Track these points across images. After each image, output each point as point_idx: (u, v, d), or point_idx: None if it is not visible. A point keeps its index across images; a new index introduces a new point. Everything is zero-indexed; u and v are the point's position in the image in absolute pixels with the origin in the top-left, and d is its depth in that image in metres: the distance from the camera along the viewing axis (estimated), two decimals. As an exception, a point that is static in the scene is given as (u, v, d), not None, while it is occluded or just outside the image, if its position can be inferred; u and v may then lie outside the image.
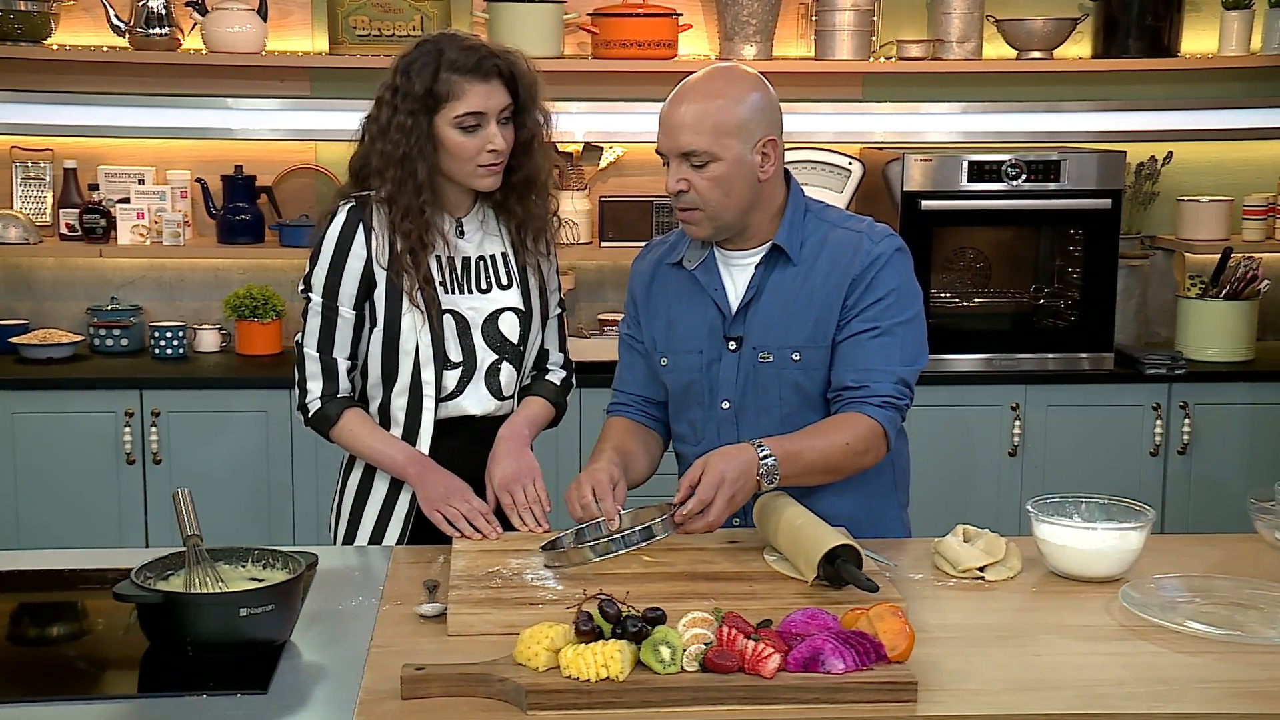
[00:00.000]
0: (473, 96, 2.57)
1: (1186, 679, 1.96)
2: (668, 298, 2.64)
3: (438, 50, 2.59)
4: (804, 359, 2.54)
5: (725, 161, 2.45)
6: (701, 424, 2.61)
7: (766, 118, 2.50)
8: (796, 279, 2.54)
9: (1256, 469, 4.45)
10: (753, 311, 2.55)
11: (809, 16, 4.64)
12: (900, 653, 1.94)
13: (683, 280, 2.62)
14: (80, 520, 4.22)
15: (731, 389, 2.57)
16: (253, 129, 4.59)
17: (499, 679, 1.89)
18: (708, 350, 2.58)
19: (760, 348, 2.55)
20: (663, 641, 1.90)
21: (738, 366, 2.56)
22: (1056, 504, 2.42)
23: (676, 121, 2.47)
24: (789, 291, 2.54)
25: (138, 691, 1.98)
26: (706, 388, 2.59)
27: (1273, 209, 4.73)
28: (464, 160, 2.60)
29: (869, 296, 2.51)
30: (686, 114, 2.46)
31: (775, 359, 2.54)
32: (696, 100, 2.46)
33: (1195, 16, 4.75)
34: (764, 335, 2.55)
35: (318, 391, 2.67)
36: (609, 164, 4.66)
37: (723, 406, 2.58)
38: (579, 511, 2.44)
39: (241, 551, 2.18)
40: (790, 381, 2.55)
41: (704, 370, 2.59)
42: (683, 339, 2.61)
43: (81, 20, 4.54)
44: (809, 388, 2.55)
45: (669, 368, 2.63)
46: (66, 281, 4.68)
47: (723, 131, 2.45)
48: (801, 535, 2.30)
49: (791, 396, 2.55)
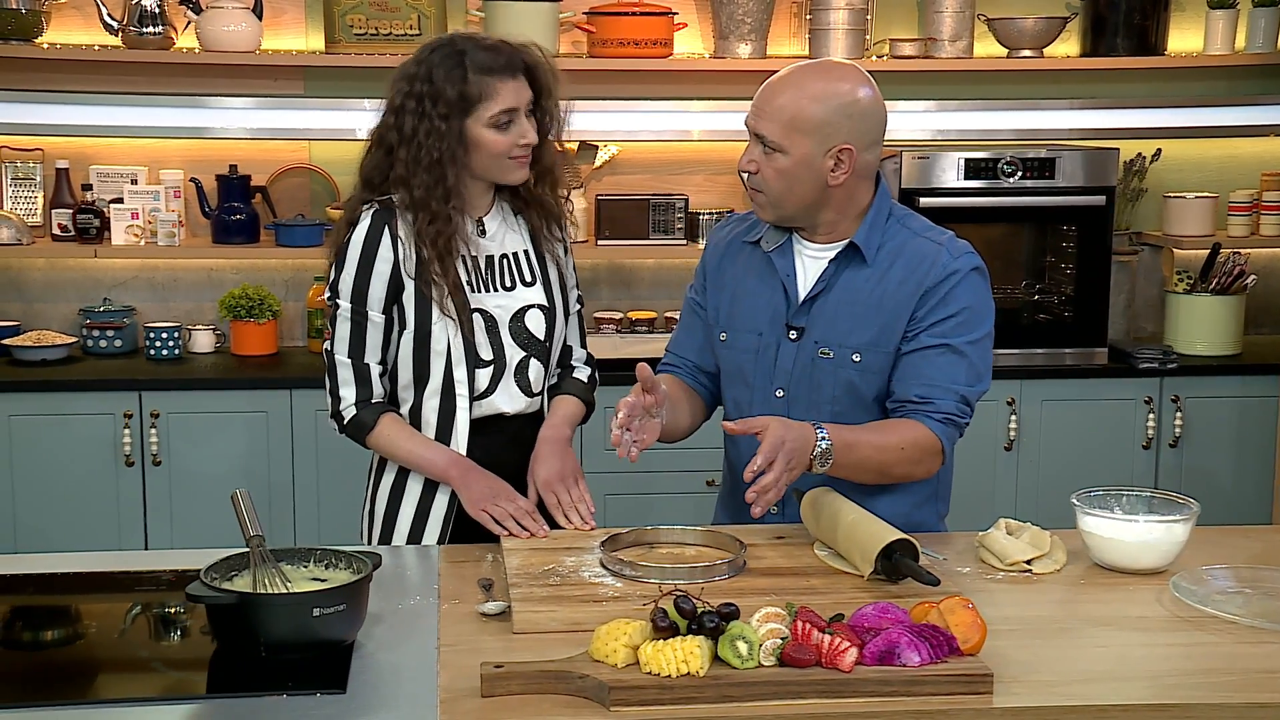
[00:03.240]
0: (505, 95, 2.59)
1: (1252, 669, 1.99)
2: (737, 274, 2.64)
3: (459, 52, 2.59)
4: (864, 360, 2.53)
5: (791, 157, 2.46)
6: (747, 406, 2.60)
7: (852, 125, 2.46)
8: (869, 281, 2.54)
9: (1245, 461, 4.53)
10: (819, 305, 2.56)
11: (803, 15, 4.67)
12: (973, 645, 1.96)
13: (756, 260, 2.62)
14: (78, 523, 4.18)
15: (786, 378, 2.57)
16: (247, 128, 4.56)
17: (579, 676, 1.90)
18: (767, 334, 2.58)
19: (822, 342, 2.55)
20: (739, 637, 1.92)
21: (795, 357, 2.57)
22: (1099, 497, 2.45)
23: (762, 101, 2.49)
24: (859, 292, 2.54)
25: (208, 693, 1.97)
26: (761, 372, 2.59)
27: (1257, 205, 4.81)
28: (497, 156, 2.61)
29: (941, 311, 2.50)
30: (772, 98, 2.47)
31: (835, 356, 2.55)
32: (787, 89, 2.47)
33: (1181, 16, 4.82)
34: (828, 330, 2.55)
35: (351, 398, 2.66)
36: (604, 162, 4.67)
37: (776, 394, 2.58)
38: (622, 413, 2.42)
39: (304, 552, 2.17)
40: (845, 381, 2.55)
41: (759, 354, 2.59)
42: (745, 318, 2.61)
43: (73, 19, 4.49)
44: (863, 390, 2.55)
45: (726, 344, 2.62)
46: (57, 283, 4.63)
47: (796, 128, 2.45)
48: (856, 530, 2.32)
49: (844, 396, 2.55)
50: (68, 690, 1.98)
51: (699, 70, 4.64)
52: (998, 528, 2.47)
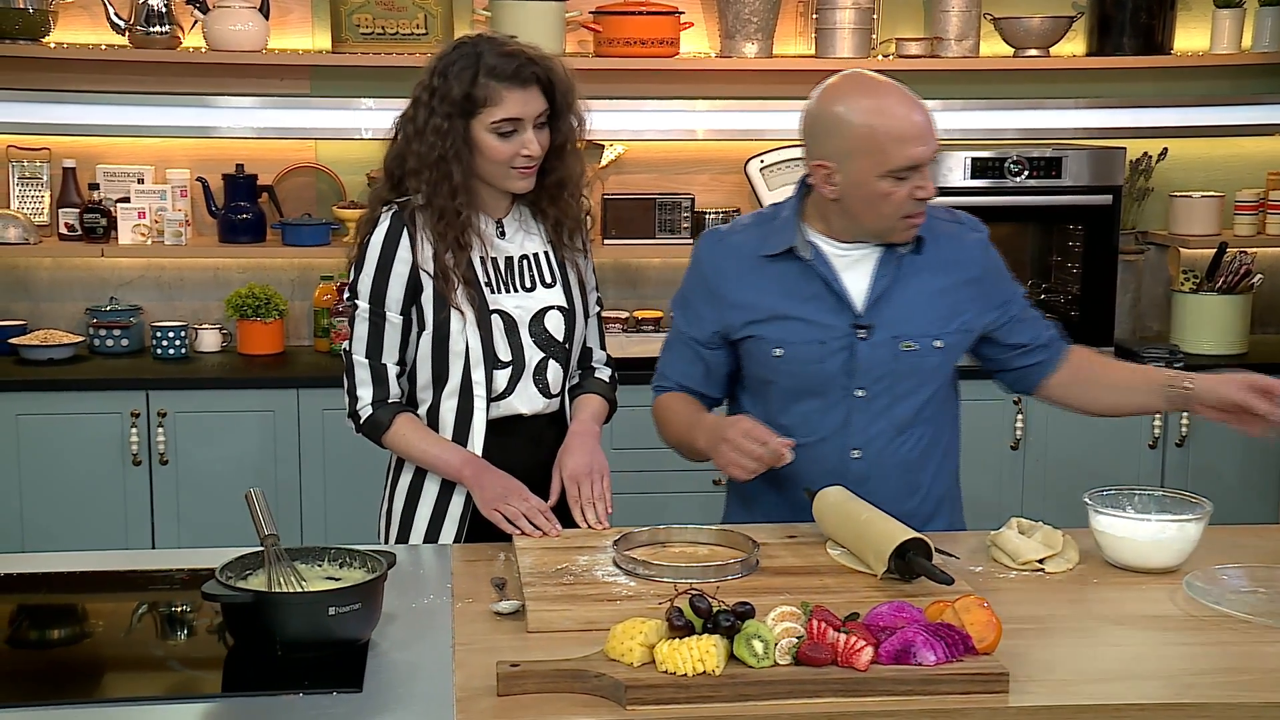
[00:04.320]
0: (511, 103, 2.58)
1: (1268, 668, 1.99)
2: (771, 290, 2.61)
3: (476, 54, 2.58)
4: (945, 346, 2.61)
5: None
6: (821, 413, 2.60)
7: None
8: (925, 268, 2.60)
9: (1251, 460, 4.53)
10: (887, 300, 2.58)
11: (809, 15, 4.67)
12: (988, 644, 1.96)
13: (790, 272, 2.60)
14: (85, 523, 4.18)
15: (867, 377, 2.58)
16: (253, 127, 4.56)
17: (595, 674, 1.90)
18: (831, 340, 2.58)
19: (902, 336, 2.58)
20: (755, 636, 1.92)
21: (873, 355, 2.58)
22: (1111, 496, 2.46)
23: (928, 129, 2.49)
24: (919, 281, 2.59)
25: (223, 691, 1.98)
26: (835, 376, 2.59)
27: (1263, 204, 4.81)
28: (498, 164, 2.61)
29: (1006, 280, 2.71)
30: (927, 120, 2.49)
31: (920, 347, 2.59)
32: (918, 105, 2.50)
33: (1187, 15, 4.82)
34: (904, 323, 2.58)
35: (368, 398, 2.67)
36: (610, 162, 4.67)
37: (857, 394, 2.59)
38: (759, 451, 2.45)
39: (318, 551, 2.18)
40: (930, 368, 2.61)
41: (826, 360, 2.58)
42: (801, 330, 2.59)
43: (79, 18, 4.50)
44: (944, 372, 2.65)
45: (785, 358, 2.60)
46: (64, 282, 4.63)
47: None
48: (869, 529, 2.32)
49: (926, 384, 2.62)
50: (80, 689, 1.99)
51: (705, 70, 4.64)
52: (1010, 527, 2.47)
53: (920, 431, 2.63)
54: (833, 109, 2.50)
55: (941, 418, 2.69)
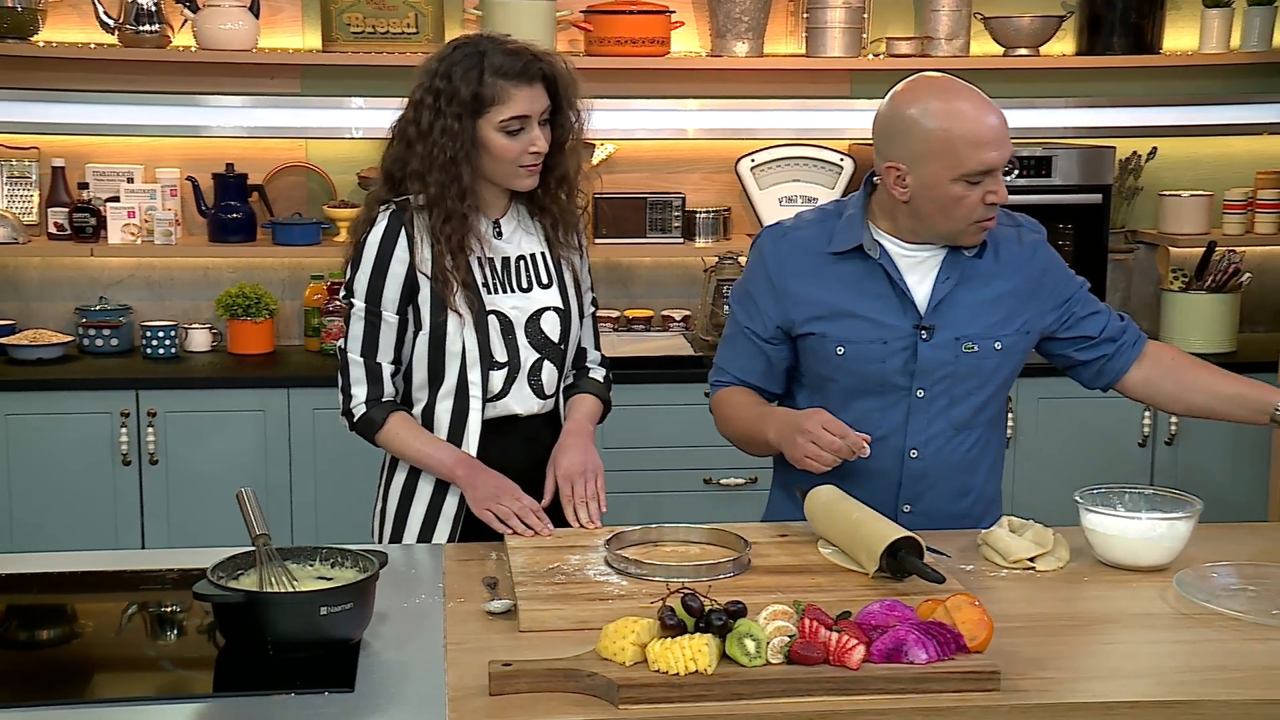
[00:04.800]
0: (518, 101, 2.58)
1: (1258, 665, 2.00)
2: (835, 288, 2.61)
3: (479, 53, 2.59)
4: (1005, 347, 2.61)
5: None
6: (880, 411, 2.60)
7: None
8: (985, 270, 2.61)
9: (1240, 458, 4.54)
10: (949, 301, 2.58)
11: (800, 14, 4.68)
12: (980, 642, 1.97)
13: (856, 270, 2.60)
14: (75, 523, 4.17)
15: (928, 377, 2.59)
16: (243, 127, 4.56)
17: (587, 674, 1.90)
18: (893, 340, 2.58)
19: (965, 337, 2.58)
20: (747, 634, 1.92)
21: (934, 355, 2.58)
22: (1101, 494, 2.46)
23: (1003, 133, 2.48)
24: (981, 282, 2.60)
25: (214, 691, 1.97)
26: (895, 377, 2.59)
27: (1252, 203, 4.82)
28: (506, 162, 2.61)
29: (1067, 276, 2.72)
30: (1002, 124, 2.48)
31: (980, 349, 2.59)
32: (995, 109, 2.49)
33: (1176, 14, 4.83)
34: (966, 324, 2.58)
35: (362, 396, 2.67)
36: (601, 160, 4.66)
37: (918, 394, 2.59)
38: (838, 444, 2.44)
39: (310, 550, 2.18)
40: (990, 369, 2.61)
41: (888, 360, 2.58)
42: (865, 328, 2.59)
43: (69, 17, 4.49)
44: (1005, 374, 2.65)
45: (847, 356, 2.59)
46: (54, 281, 4.62)
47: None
48: (860, 528, 2.33)
49: (992, 380, 2.62)
50: (70, 690, 1.98)
51: (696, 69, 4.64)
52: (1001, 525, 2.48)
53: (977, 433, 2.64)
54: (906, 111, 2.49)
55: (997, 420, 2.71)
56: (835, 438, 2.44)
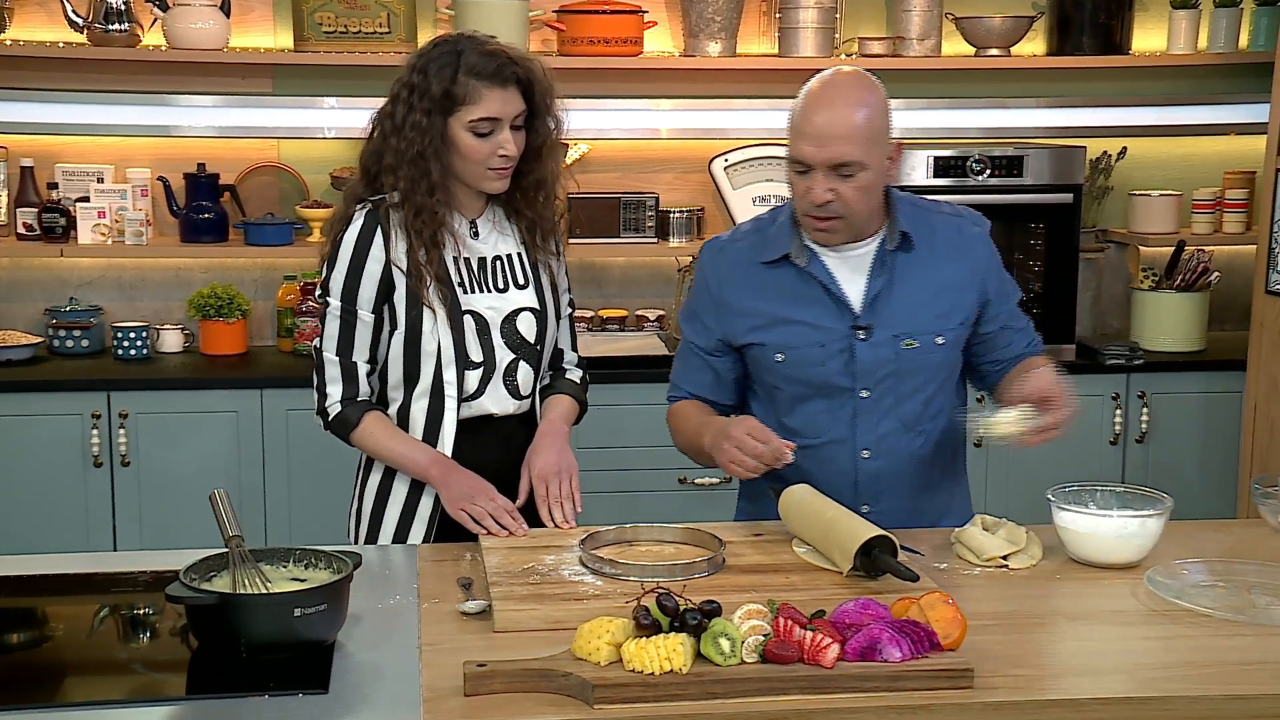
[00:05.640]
0: (489, 102, 2.58)
1: (1227, 661, 2.02)
2: (770, 296, 2.62)
3: (456, 52, 2.58)
4: (947, 341, 2.61)
5: (871, 170, 2.47)
6: (828, 414, 2.60)
7: (890, 120, 2.53)
8: (921, 264, 2.59)
9: (1210, 456, 4.57)
10: (884, 299, 2.58)
11: (772, 14, 4.68)
12: (953, 641, 1.98)
13: (788, 277, 2.61)
14: (46, 525, 4.14)
15: (870, 378, 2.58)
16: (215, 126, 4.54)
17: (562, 674, 1.90)
18: (830, 343, 2.58)
19: (903, 335, 2.58)
20: (722, 634, 1.92)
21: (874, 355, 2.58)
22: (1074, 492, 2.48)
23: (827, 131, 2.44)
24: (918, 278, 2.59)
25: (187, 694, 1.97)
26: (838, 379, 2.59)
27: (1220, 203, 4.85)
28: (474, 163, 2.60)
29: (1000, 280, 2.68)
30: (836, 123, 2.43)
31: (921, 345, 2.59)
32: (844, 108, 2.45)
33: (1145, 15, 4.86)
34: (903, 321, 2.58)
35: (337, 395, 2.66)
36: (574, 161, 4.65)
37: (861, 395, 2.59)
38: (760, 449, 2.44)
39: (283, 552, 2.17)
40: (934, 365, 2.61)
41: (828, 362, 2.59)
42: (801, 334, 2.59)
43: (36, 15, 4.46)
44: (948, 369, 2.64)
45: (787, 363, 2.61)
46: (23, 282, 4.60)
47: (872, 140, 2.46)
48: (835, 527, 2.33)
49: (931, 381, 2.61)
50: (42, 693, 1.97)
51: (669, 69, 4.65)
52: (974, 524, 2.49)
53: (930, 428, 2.64)
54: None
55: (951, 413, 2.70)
56: (759, 444, 2.45)
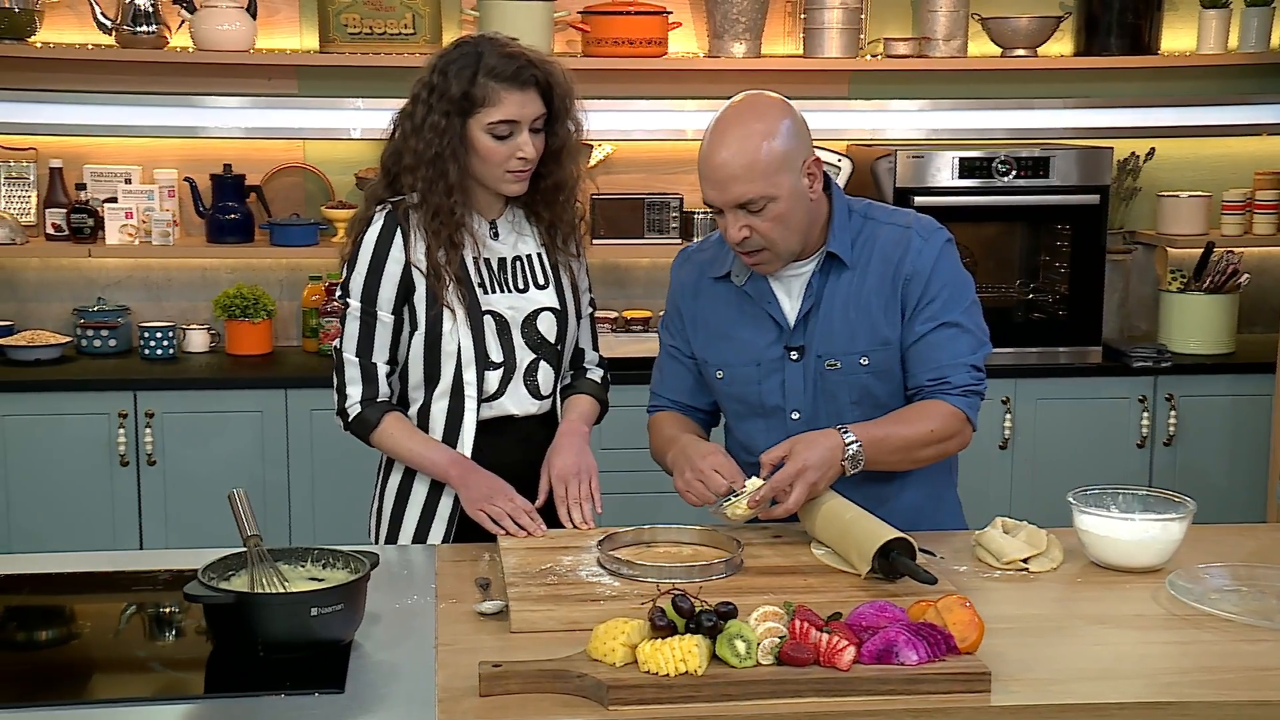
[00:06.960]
0: (508, 104, 2.58)
1: (1249, 667, 2.00)
2: (717, 312, 2.63)
3: (477, 54, 2.58)
4: (872, 363, 2.55)
5: (782, 199, 2.43)
6: (766, 434, 2.58)
7: (802, 140, 2.47)
8: (853, 283, 2.55)
9: (1239, 460, 4.54)
10: (813, 320, 2.55)
11: (797, 15, 4.68)
12: (970, 644, 1.97)
13: (731, 294, 2.62)
14: (73, 524, 4.17)
15: (800, 398, 2.57)
16: (241, 127, 4.56)
17: (577, 675, 1.90)
18: (765, 363, 2.58)
19: (826, 355, 2.55)
20: (737, 636, 1.92)
21: (804, 376, 2.56)
22: (1095, 495, 2.46)
23: (724, 173, 2.42)
24: (847, 297, 2.55)
25: (205, 692, 1.97)
26: (771, 399, 2.59)
27: (1250, 204, 4.82)
28: (492, 165, 2.60)
29: (928, 294, 2.53)
30: (732, 163, 2.41)
31: (843, 365, 2.55)
32: (736, 144, 2.41)
33: (1174, 15, 4.83)
34: (828, 343, 2.55)
35: (357, 396, 2.67)
36: (598, 161, 4.67)
37: (793, 417, 2.58)
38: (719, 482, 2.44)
39: (301, 551, 2.18)
40: (860, 386, 2.56)
41: (762, 382, 2.59)
42: (738, 352, 2.60)
43: (66, 18, 4.49)
44: (879, 391, 2.56)
45: (725, 380, 2.62)
46: (51, 282, 4.63)
47: (772, 171, 2.41)
48: (853, 528, 2.32)
49: (862, 402, 2.56)
50: (64, 690, 1.98)
51: (693, 70, 4.64)
52: (994, 526, 2.48)
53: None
54: None
55: None
56: (723, 480, 2.45)
